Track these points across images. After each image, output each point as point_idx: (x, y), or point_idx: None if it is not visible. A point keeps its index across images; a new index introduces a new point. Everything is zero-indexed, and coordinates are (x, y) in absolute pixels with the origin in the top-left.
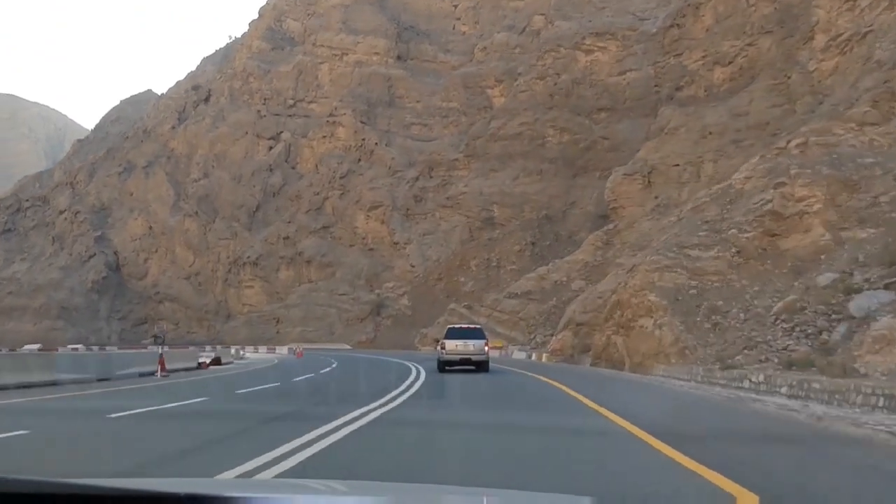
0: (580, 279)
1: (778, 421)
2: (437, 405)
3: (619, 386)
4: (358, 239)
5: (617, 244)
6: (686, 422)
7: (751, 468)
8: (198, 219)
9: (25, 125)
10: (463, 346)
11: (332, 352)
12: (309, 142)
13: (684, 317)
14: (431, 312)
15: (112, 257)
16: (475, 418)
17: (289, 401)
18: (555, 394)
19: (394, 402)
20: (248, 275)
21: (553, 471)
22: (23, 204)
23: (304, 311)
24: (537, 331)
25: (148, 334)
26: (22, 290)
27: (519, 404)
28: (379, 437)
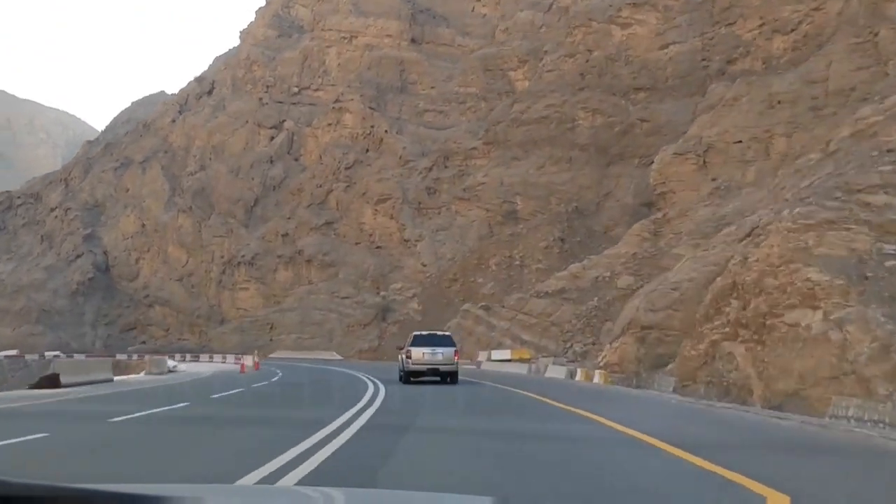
0: (628, 274)
1: None
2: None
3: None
4: (364, 236)
5: (667, 234)
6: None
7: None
8: (192, 215)
9: (44, 130)
10: (431, 354)
11: (318, 363)
12: (313, 131)
13: (888, 305)
14: (444, 317)
15: (101, 257)
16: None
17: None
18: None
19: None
20: (242, 276)
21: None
22: (14, 202)
23: (301, 316)
24: (574, 338)
25: (137, 341)
26: (3, 292)
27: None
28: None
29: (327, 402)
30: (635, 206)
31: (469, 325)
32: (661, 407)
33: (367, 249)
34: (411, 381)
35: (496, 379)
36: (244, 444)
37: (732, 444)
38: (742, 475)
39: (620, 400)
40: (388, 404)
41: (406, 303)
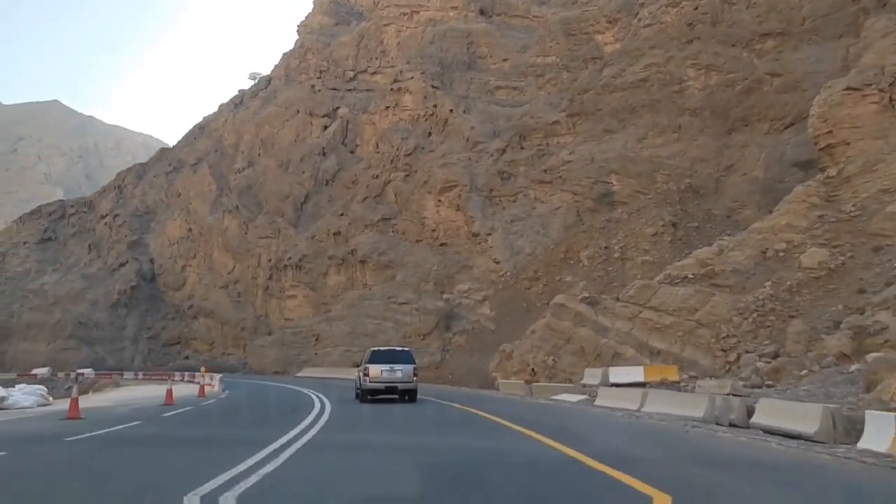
0: (817, 245)
1: None
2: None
3: None
4: (426, 232)
5: (846, 196)
6: None
7: None
8: (238, 215)
9: (130, 153)
10: (389, 372)
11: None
12: (370, 117)
13: None
14: (523, 323)
15: (147, 265)
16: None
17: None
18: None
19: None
20: (290, 281)
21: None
22: (67, 211)
23: (352, 326)
24: (740, 345)
25: (180, 356)
26: (41, 305)
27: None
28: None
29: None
30: (765, 181)
31: (565, 329)
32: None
33: (430, 247)
34: (368, 400)
35: (664, 444)
36: None
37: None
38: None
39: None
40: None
41: (475, 308)
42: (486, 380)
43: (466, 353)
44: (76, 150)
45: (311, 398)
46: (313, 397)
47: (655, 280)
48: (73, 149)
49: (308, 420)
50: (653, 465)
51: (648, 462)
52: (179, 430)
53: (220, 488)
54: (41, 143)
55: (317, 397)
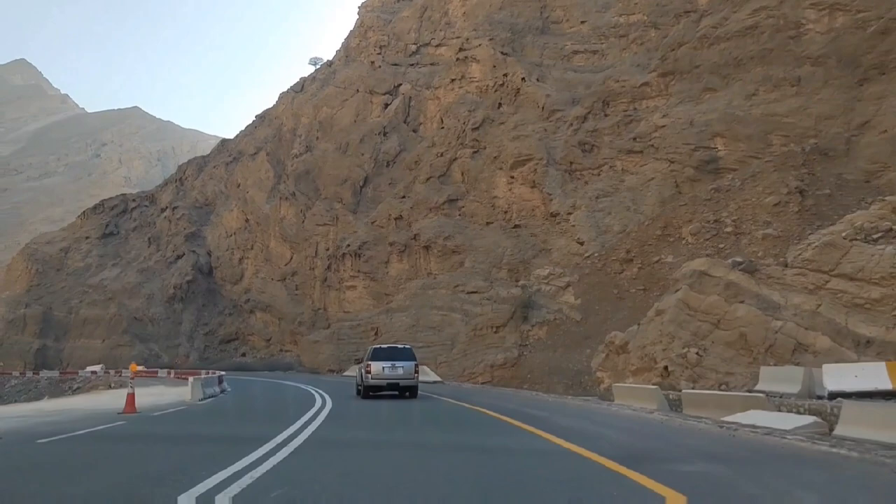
0: None
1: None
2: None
3: None
4: (497, 213)
5: None
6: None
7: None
8: (295, 202)
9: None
10: (391, 369)
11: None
12: (434, 92)
13: None
14: (615, 312)
15: (205, 258)
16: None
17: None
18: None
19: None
20: (349, 270)
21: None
22: (129, 205)
23: (415, 318)
24: None
25: (237, 353)
26: (98, 300)
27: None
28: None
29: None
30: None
31: (711, 307)
32: None
33: (501, 229)
34: (370, 396)
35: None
36: None
37: None
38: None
39: None
40: None
41: (557, 295)
42: (573, 381)
43: (548, 348)
44: (154, 153)
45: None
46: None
47: (842, 236)
48: (151, 152)
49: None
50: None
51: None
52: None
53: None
54: (122, 147)
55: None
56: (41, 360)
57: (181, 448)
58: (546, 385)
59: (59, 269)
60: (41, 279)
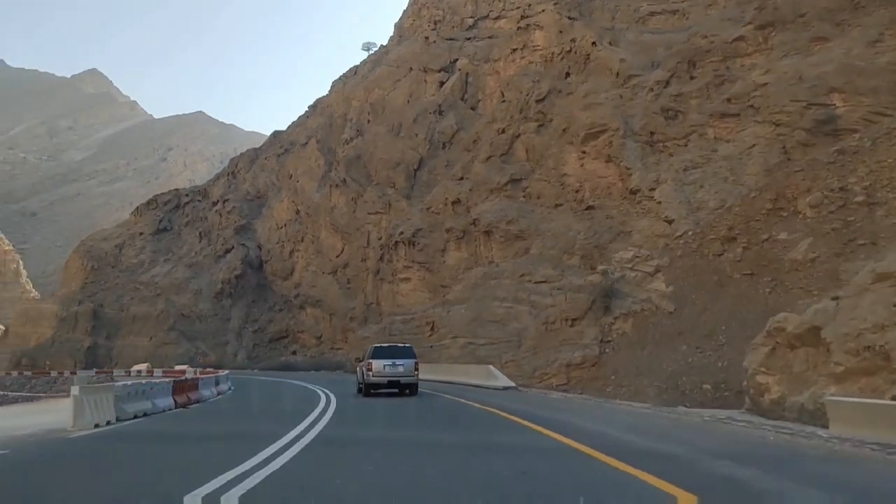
0: None
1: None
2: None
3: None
4: (567, 192)
5: None
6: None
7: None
8: (346, 190)
9: None
10: (391, 367)
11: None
12: (493, 66)
13: None
14: (714, 302)
15: (254, 251)
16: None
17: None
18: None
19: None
20: (402, 261)
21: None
22: (182, 200)
23: (475, 311)
24: None
25: (287, 352)
26: (147, 296)
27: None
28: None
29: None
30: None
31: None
32: None
33: (572, 211)
34: (371, 394)
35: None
36: None
37: None
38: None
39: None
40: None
41: (644, 282)
42: (667, 384)
43: (634, 344)
44: (217, 156)
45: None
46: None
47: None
48: (214, 155)
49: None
50: None
51: None
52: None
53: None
54: (187, 151)
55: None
56: (91, 359)
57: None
58: (633, 389)
59: (113, 266)
60: (95, 276)
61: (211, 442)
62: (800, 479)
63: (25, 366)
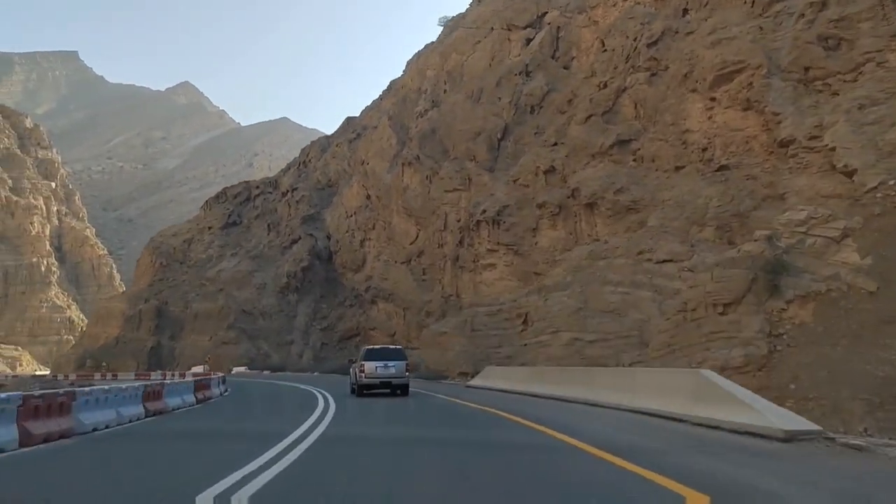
0: None
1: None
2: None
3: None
4: (691, 151)
5: None
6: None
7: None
8: (420, 167)
9: None
10: (383, 368)
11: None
12: (589, 16)
13: None
14: None
15: (323, 242)
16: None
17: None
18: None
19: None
20: (486, 244)
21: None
22: (252, 192)
23: (581, 299)
24: None
25: (359, 350)
26: (208, 291)
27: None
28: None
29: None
30: None
31: None
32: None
33: (699, 173)
34: (364, 395)
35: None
36: None
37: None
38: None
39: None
40: None
41: (827, 252)
42: (881, 396)
43: (820, 339)
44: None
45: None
46: None
47: None
48: (297, 159)
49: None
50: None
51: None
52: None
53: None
54: (272, 157)
55: None
56: (155, 360)
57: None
58: (829, 404)
59: (181, 263)
60: (164, 273)
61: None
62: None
63: (89, 367)
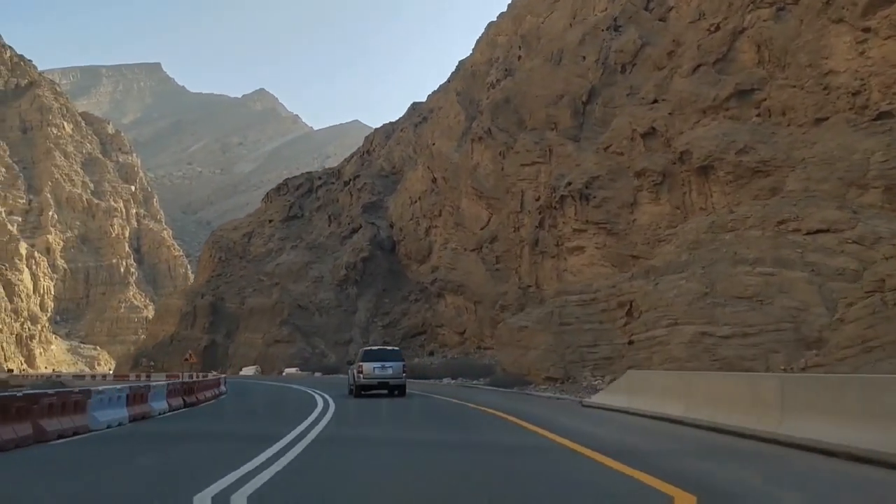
0: None
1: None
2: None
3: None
4: (837, 97)
5: None
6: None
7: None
8: (492, 142)
9: None
10: (381, 369)
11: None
12: None
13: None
14: None
15: (386, 231)
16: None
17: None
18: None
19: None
20: (571, 223)
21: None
22: (314, 183)
23: (704, 282)
24: None
25: (424, 352)
26: (262, 285)
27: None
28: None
29: None
30: None
31: None
32: None
33: (849, 124)
34: (362, 395)
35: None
36: None
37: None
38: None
39: None
40: None
41: None
42: None
43: None
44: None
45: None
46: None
47: None
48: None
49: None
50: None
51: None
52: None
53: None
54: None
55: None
56: (210, 359)
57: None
58: None
59: (241, 257)
60: (223, 268)
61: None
62: None
63: (143, 366)
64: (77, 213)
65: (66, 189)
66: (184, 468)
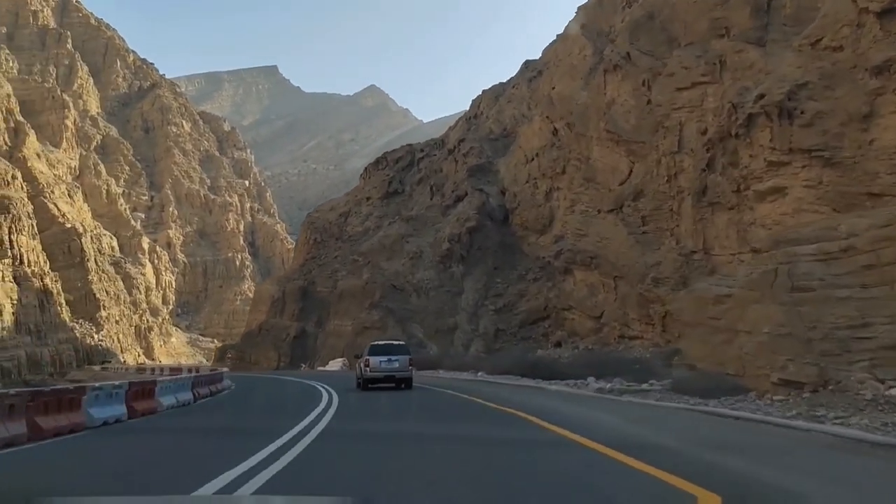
0: None
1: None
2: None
3: None
4: None
5: None
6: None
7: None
8: (632, 69)
9: None
10: (387, 363)
11: None
12: None
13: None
14: None
15: (496, 199)
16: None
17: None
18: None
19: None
20: (765, 153)
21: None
22: (416, 155)
23: None
24: None
25: (548, 342)
26: (359, 266)
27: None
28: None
29: None
30: None
31: None
32: None
33: None
34: (369, 388)
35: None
36: None
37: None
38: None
39: None
40: None
41: None
42: None
43: None
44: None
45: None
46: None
47: None
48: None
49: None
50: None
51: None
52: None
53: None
54: None
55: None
56: (299, 351)
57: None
58: None
59: (337, 238)
60: (317, 251)
61: None
62: None
63: (229, 358)
64: (195, 208)
65: (185, 185)
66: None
